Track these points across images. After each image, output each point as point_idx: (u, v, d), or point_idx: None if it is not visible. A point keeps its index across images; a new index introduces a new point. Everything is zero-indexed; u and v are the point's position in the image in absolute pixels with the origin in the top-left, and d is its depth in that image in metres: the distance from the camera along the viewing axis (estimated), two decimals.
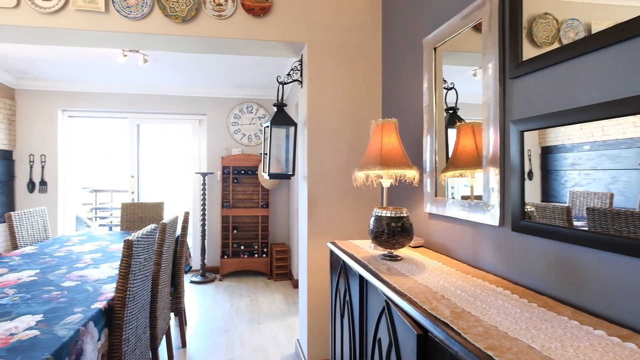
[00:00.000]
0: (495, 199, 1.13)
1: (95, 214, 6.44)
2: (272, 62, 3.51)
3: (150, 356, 1.91)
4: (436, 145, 1.48)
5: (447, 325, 0.76)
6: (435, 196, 1.48)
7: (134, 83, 4.27)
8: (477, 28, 1.27)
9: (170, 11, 2.01)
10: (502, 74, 1.11)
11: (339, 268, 1.54)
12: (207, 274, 4.16)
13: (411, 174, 1.41)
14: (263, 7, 2.07)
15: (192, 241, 4.48)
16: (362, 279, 1.27)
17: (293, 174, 2.13)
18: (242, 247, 4.21)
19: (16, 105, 4.15)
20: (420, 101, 1.65)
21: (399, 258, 1.33)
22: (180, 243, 2.52)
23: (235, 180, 4.25)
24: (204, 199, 4.14)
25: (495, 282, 1.06)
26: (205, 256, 4.25)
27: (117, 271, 1.96)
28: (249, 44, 2.17)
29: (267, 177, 2.12)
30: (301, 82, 2.27)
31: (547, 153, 0.99)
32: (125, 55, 3.28)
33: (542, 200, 1.00)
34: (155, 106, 4.39)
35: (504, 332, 0.72)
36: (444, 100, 1.52)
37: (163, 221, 2.07)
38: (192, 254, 3.18)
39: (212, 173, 4.27)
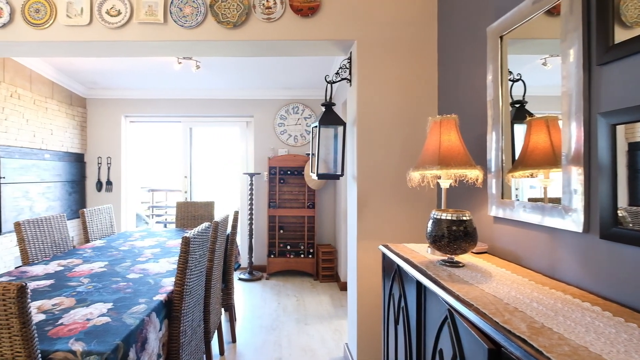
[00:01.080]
0: (578, 202, 1.01)
1: (152, 211, 6.99)
2: (319, 62, 3.54)
3: (204, 349, 2.01)
4: (502, 143, 1.37)
5: (524, 341, 0.69)
6: (502, 198, 1.37)
7: (187, 89, 4.56)
8: (551, 12, 1.16)
9: (222, 18, 2.11)
10: (586, 61, 1.00)
11: (392, 272, 1.49)
12: (255, 272, 4.30)
13: (474, 174, 1.32)
14: (311, 6, 2.09)
15: (240, 240, 4.66)
16: (419, 285, 1.21)
17: (342, 174, 2.11)
18: (288, 247, 4.29)
19: (87, 113, 4.67)
20: (482, 95, 1.55)
21: (460, 264, 1.25)
22: (230, 241, 2.63)
23: (282, 181, 4.35)
24: (251, 199, 4.29)
25: (579, 296, 0.94)
26: (253, 255, 4.39)
27: (174, 266, 2.09)
28: (298, 44, 2.20)
29: (316, 178, 2.13)
30: (350, 81, 2.25)
31: (637, 150, 0.86)
32: (180, 63, 3.52)
33: (630, 204, 0.88)
34: (206, 110, 4.65)
35: (597, 354, 0.64)
36: (509, 94, 1.41)
37: (215, 220, 2.17)
38: (240, 252, 3.31)
39: (259, 173, 4.41)
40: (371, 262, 2.05)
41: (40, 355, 1.08)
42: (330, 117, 2.10)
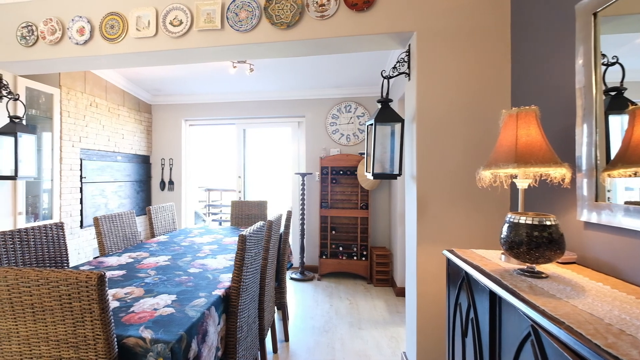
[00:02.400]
0: None
1: (209, 210, 7.44)
2: (373, 57, 3.47)
3: (259, 346, 2.06)
4: (596, 137, 1.20)
5: None
6: (596, 200, 1.20)
7: (241, 91, 4.77)
8: None
9: (275, 19, 2.15)
10: None
11: (459, 280, 1.38)
12: (306, 272, 4.35)
13: (559, 172, 1.17)
14: (366, 0, 2.05)
15: (292, 239, 4.74)
16: (493, 295, 1.10)
17: (400, 174, 2.03)
18: (341, 249, 4.27)
19: (152, 118, 5.14)
20: (569, 83, 1.37)
21: (543, 275, 1.12)
22: (283, 240, 2.67)
23: (334, 181, 4.35)
24: (303, 199, 4.35)
25: None
26: (304, 255, 4.45)
27: (231, 262, 2.18)
28: (352, 40, 2.16)
29: (371, 177, 2.07)
30: (409, 75, 2.16)
31: None
32: (234, 67, 3.69)
33: None
34: (259, 111, 4.82)
35: None
36: (602, 80, 1.23)
37: (269, 219, 2.22)
38: (292, 252, 3.37)
39: (310, 173, 4.45)
40: (433, 268, 1.94)
41: (115, 339, 1.17)
42: (386, 114, 2.04)
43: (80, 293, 1.08)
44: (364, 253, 4.20)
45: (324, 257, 4.29)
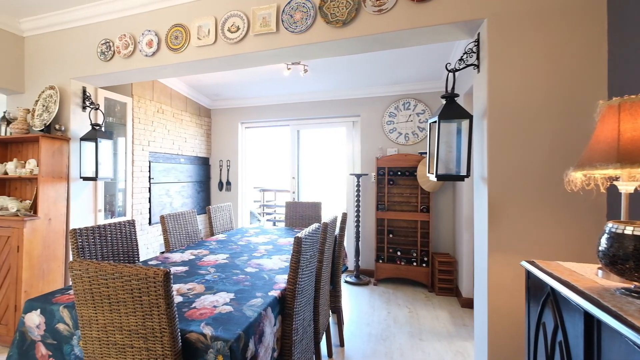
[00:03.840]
0: None
1: (263, 210, 7.72)
2: (434, 50, 3.30)
3: (314, 349, 2.06)
4: None
5: None
6: None
7: (295, 93, 4.87)
8: None
9: (331, 17, 2.14)
10: None
11: (543, 296, 1.23)
12: (362, 276, 4.29)
13: None
14: None
15: (347, 242, 4.72)
16: (589, 318, 0.96)
17: (467, 175, 1.89)
18: (399, 253, 4.13)
19: (211, 122, 5.50)
20: None
21: None
22: (338, 243, 2.65)
23: (391, 182, 4.22)
24: (358, 201, 4.30)
25: None
26: (360, 258, 4.39)
27: (286, 263, 2.21)
28: (413, 33, 2.07)
29: (434, 179, 1.96)
30: (478, 67, 2.00)
31: None
32: (289, 69, 3.77)
33: None
34: (313, 112, 4.87)
35: None
36: None
37: (325, 221, 2.21)
38: (347, 255, 3.34)
39: (366, 174, 4.38)
40: (507, 280, 1.77)
41: (179, 333, 1.25)
42: (452, 110, 1.91)
43: (149, 288, 1.16)
44: (425, 259, 4.01)
45: (380, 261, 4.19)
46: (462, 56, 2.04)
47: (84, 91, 3.14)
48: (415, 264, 4.04)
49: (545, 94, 1.75)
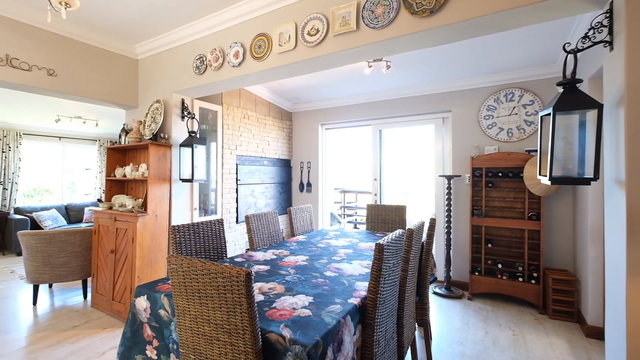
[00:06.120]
0: None
1: (344, 211, 7.79)
2: (546, 29, 2.91)
3: None
4: None
5: None
6: None
7: (377, 91, 4.82)
8: None
9: (416, 7, 2.04)
10: None
11: None
12: (453, 289, 4.01)
13: None
14: None
15: (435, 250, 4.47)
16: None
17: (595, 178, 1.60)
18: (500, 266, 3.74)
19: (292, 125, 5.81)
20: None
21: None
22: (425, 251, 2.52)
23: (490, 184, 3.85)
24: (448, 205, 4.03)
25: None
26: (451, 268, 4.11)
27: (366, 269, 2.18)
28: (520, 12, 1.83)
29: (547, 182, 1.71)
30: (611, 43, 1.68)
31: None
32: (370, 66, 3.73)
33: None
34: (397, 110, 4.74)
35: None
36: None
37: (409, 227, 2.12)
38: (436, 264, 3.15)
39: (458, 176, 4.08)
40: None
41: (260, 332, 1.32)
42: (572, 99, 1.64)
43: (232, 286, 1.26)
44: (534, 275, 3.55)
45: (476, 273, 3.86)
46: (586, 32, 1.75)
47: (183, 102, 3.60)
48: (521, 279, 3.61)
49: None
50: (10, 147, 6.32)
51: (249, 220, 2.94)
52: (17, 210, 6.28)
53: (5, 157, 6.29)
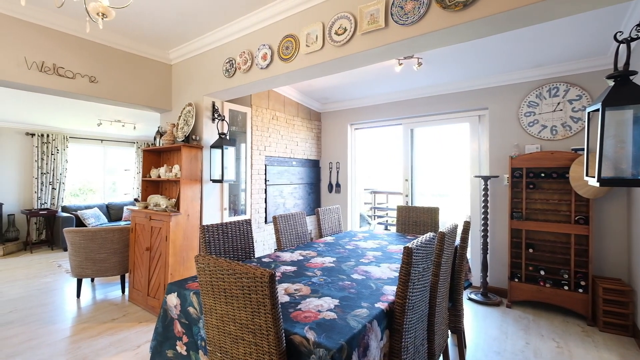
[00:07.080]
0: None
1: (374, 212, 7.69)
2: (594, 18, 2.72)
3: None
4: None
5: None
6: None
7: (408, 89, 4.71)
8: None
9: (448, 1, 1.97)
10: None
11: None
12: (490, 295, 3.84)
13: None
14: None
15: (471, 254, 4.31)
16: None
17: None
18: (542, 272, 3.53)
19: (321, 125, 5.82)
20: None
21: None
22: (459, 255, 2.43)
23: (531, 186, 3.65)
24: (485, 207, 3.87)
25: None
26: (488, 274, 3.95)
27: (395, 273, 2.14)
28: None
29: (595, 184, 1.59)
30: None
31: None
32: (400, 64, 3.65)
33: None
34: (429, 108, 4.62)
35: None
36: None
37: (441, 230, 2.06)
38: (471, 269, 3.03)
39: (496, 176, 3.91)
40: None
41: (284, 333, 1.33)
42: (624, 93, 1.51)
43: (257, 287, 1.27)
44: (582, 283, 3.32)
45: (515, 279, 3.67)
46: None
47: (213, 105, 3.72)
48: (566, 287, 3.39)
49: None
50: (58, 150, 6.81)
51: (277, 220, 2.98)
52: (64, 209, 6.75)
53: (54, 159, 6.78)
